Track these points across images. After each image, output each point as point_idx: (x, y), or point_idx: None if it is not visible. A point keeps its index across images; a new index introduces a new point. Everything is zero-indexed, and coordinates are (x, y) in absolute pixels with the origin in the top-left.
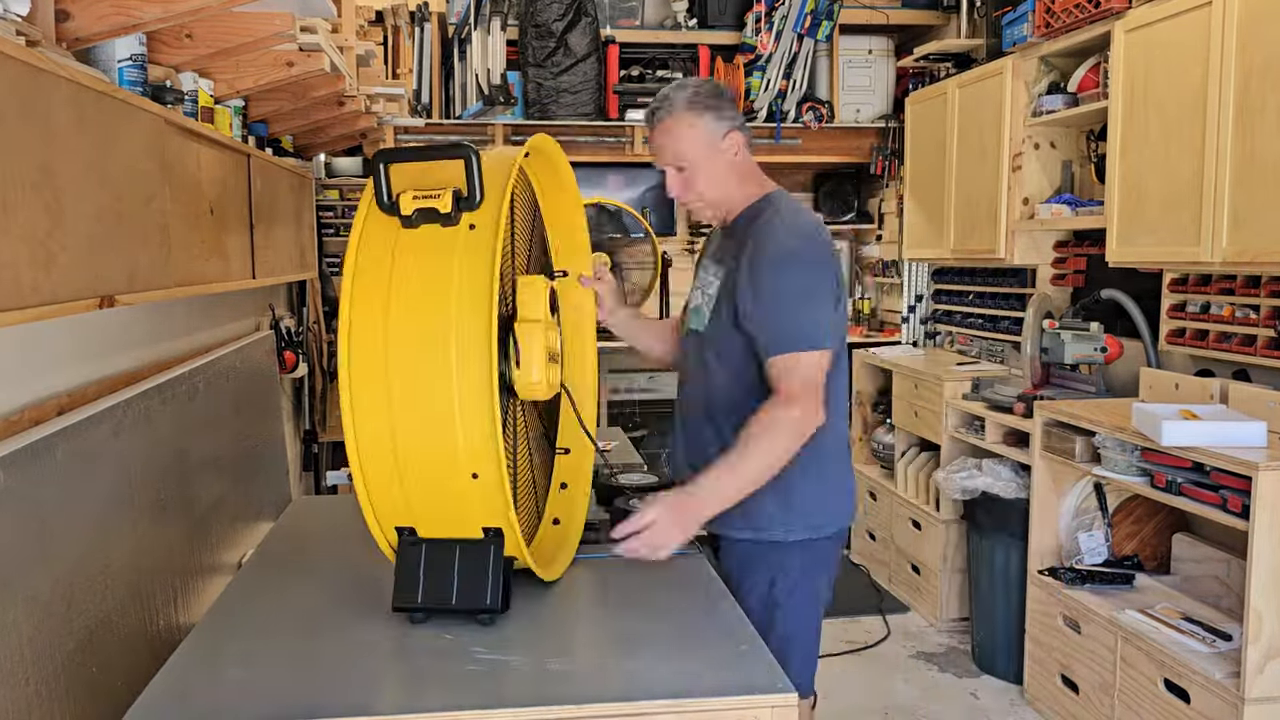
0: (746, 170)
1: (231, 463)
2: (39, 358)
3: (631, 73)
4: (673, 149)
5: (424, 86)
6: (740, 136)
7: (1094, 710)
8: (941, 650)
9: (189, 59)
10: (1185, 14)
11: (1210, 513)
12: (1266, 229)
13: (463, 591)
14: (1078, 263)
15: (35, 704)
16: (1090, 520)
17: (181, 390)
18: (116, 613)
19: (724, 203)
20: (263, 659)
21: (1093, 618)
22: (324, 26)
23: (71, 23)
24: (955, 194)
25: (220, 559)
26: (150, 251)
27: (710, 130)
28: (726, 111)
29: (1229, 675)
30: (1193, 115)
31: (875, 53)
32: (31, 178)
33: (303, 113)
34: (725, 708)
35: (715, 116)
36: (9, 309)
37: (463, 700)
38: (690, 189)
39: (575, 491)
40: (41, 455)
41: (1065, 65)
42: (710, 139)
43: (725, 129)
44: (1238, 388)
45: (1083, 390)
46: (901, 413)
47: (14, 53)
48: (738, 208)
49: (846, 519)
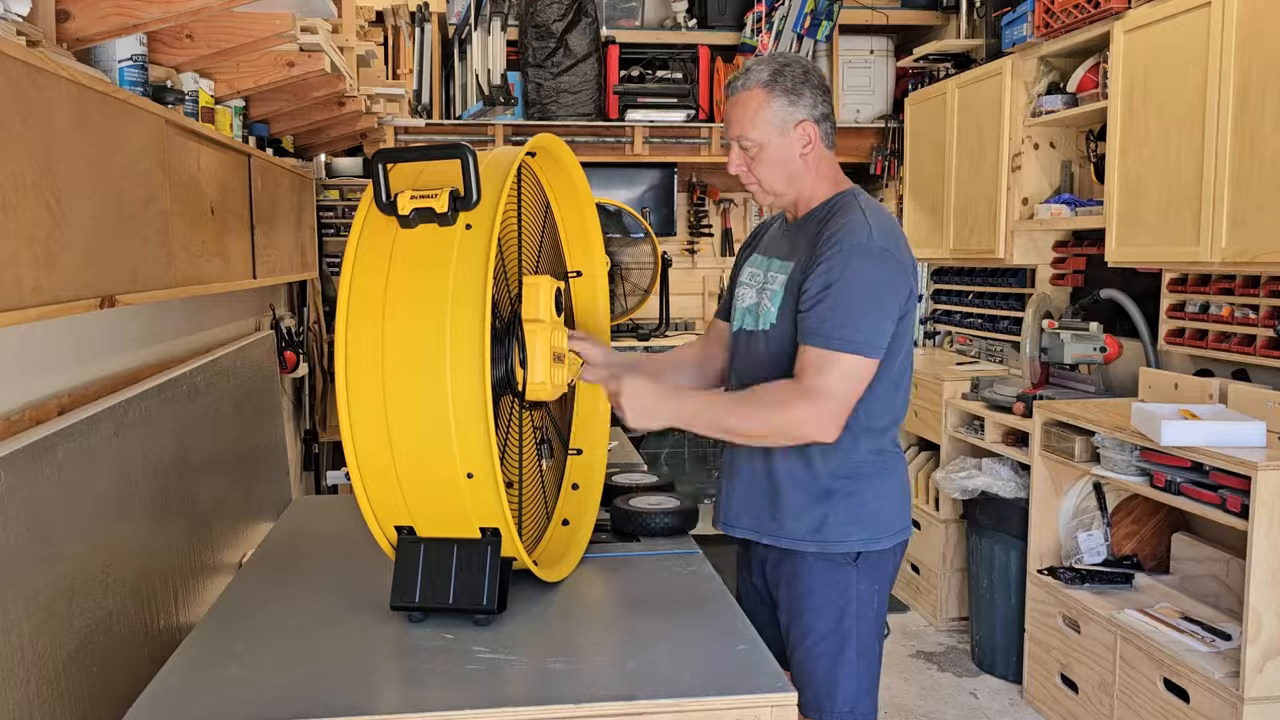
0: (820, 166)
1: (232, 463)
2: (39, 358)
3: (631, 73)
4: (738, 124)
5: (424, 87)
6: (813, 129)
7: (1093, 710)
8: (941, 650)
9: (189, 59)
10: (1185, 14)
11: (1209, 512)
12: (1266, 229)
13: (460, 591)
14: (1077, 263)
15: (35, 704)
16: (1090, 520)
17: (181, 390)
18: (116, 613)
19: (786, 194)
20: (263, 659)
21: (1092, 617)
22: (324, 27)
23: (72, 23)
24: (955, 194)
25: (220, 559)
26: (151, 251)
27: (781, 115)
28: (805, 99)
29: (1228, 675)
30: (1192, 115)
31: (875, 53)
32: (32, 178)
33: (303, 113)
34: (725, 707)
35: (790, 102)
36: (10, 309)
37: (463, 700)
38: (749, 170)
39: (587, 493)
40: (41, 455)
41: (1065, 65)
42: (780, 124)
43: (799, 118)
44: (1237, 388)
45: (1082, 390)
46: None
47: (14, 53)
48: (806, 203)
49: (909, 527)
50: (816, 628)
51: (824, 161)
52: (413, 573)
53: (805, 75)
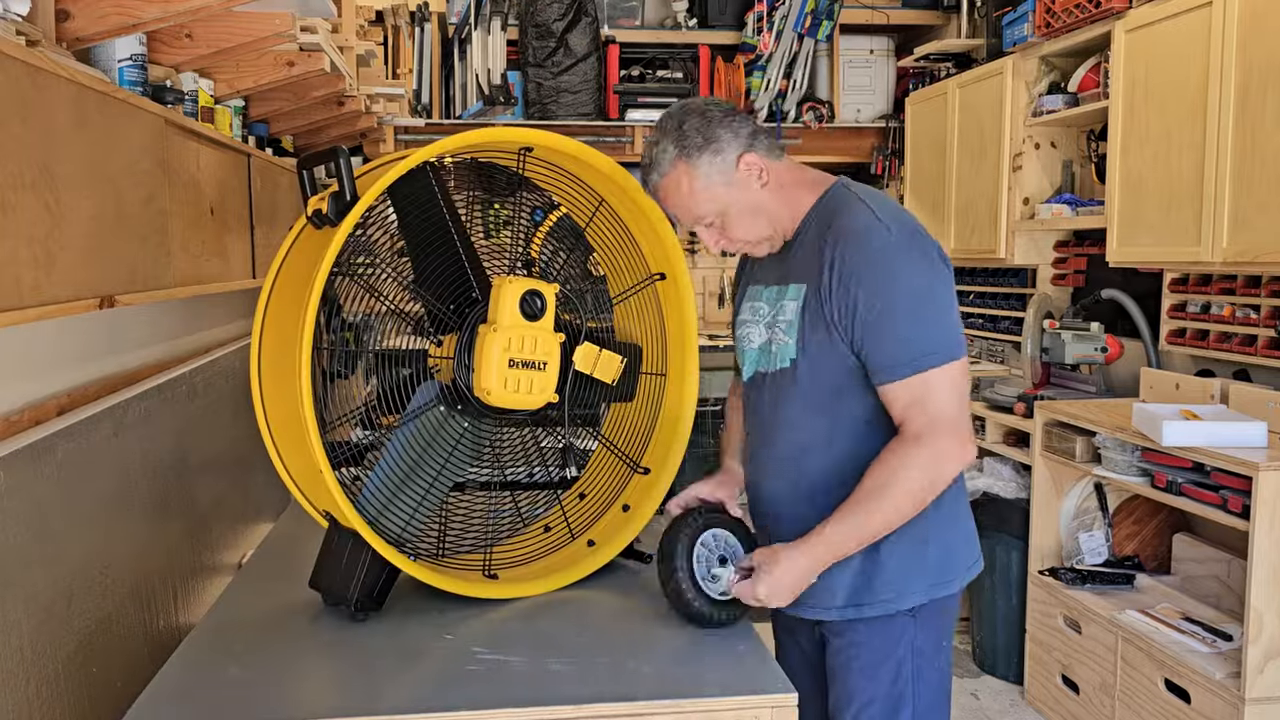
0: (788, 181)
1: (231, 463)
2: (39, 358)
3: (632, 73)
4: (686, 210)
5: (424, 86)
6: (753, 157)
7: (1094, 710)
8: None
9: (189, 59)
10: (1185, 14)
11: (1210, 513)
12: (1267, 229)
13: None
14: (1078, 263)
15: (35, 704)
16: (1090, 520)
17: (181, 390)
18: (116, 613)
19: (774, 231)
20: (263, 659)
21: (1093, 618)
22: (324, 26)
23: (72, 22)
24: (955, 194)
25: (220, 559)
26: (150, 251)
27: (717, 170)
28: (723, 138)
29: (1229, 675)
30: (1193, 115)
31: (876, 53)
32: (31, 178)
33: (303, 113)
34: (725, 708)
35: (714, 151)
36: (9, 309)
37: (463, 700)
38: (729, 238)
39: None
40: (41, 455)
41: (1065, 65)
42: (722, 181)
43: (733, 158)
44: (1238, 388)
45: (1083, 390)
46: None
47: (14, 52)
48: (790, 226)
49: (978, 565)
50: (868, 689)
51: (785, 175)
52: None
53: (703, 115)
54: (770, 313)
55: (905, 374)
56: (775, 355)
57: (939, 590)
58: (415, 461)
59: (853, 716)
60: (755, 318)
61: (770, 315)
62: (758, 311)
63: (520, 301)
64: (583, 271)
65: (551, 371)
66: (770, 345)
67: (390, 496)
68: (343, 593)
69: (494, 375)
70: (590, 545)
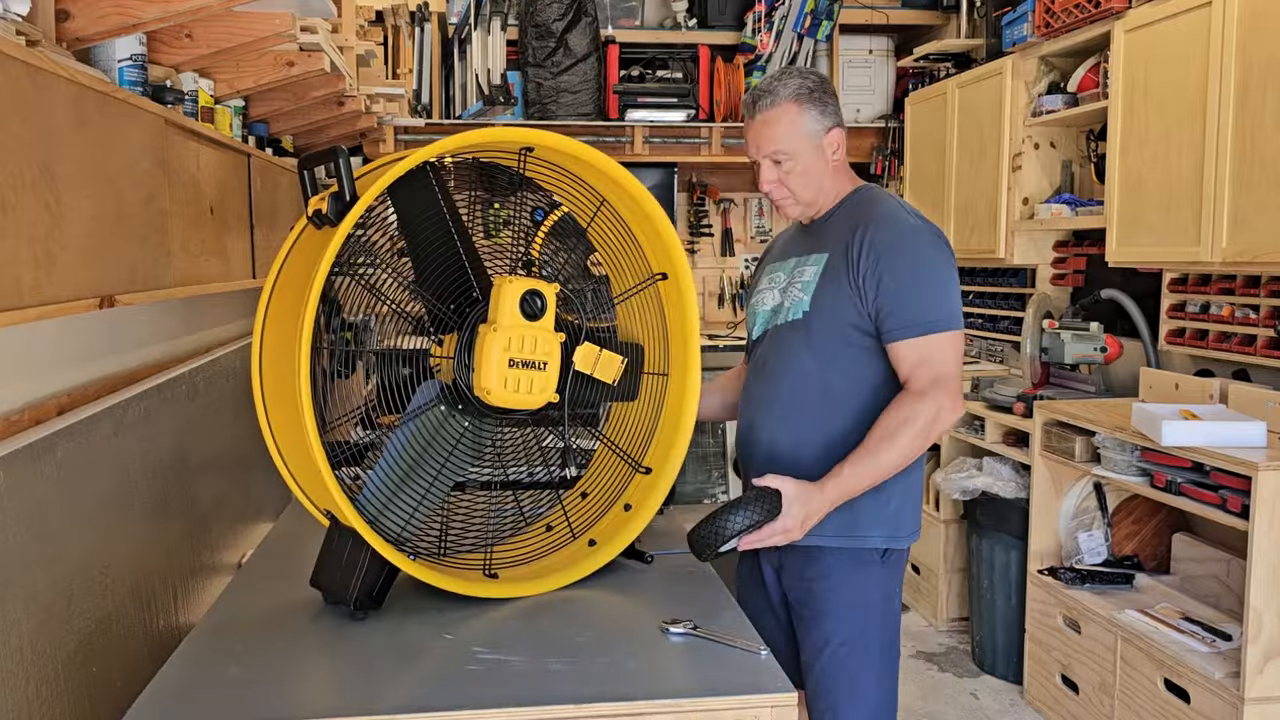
0: (842, 168)
1: (231, 463)
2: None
3: (631, 73)
4: (772, 141)
5: (424, 86)
6: (840, 135)
7: (1094, 710)
8: (941, 650)
9: (189, 59)
10: (1185, 14)
11: (1210, 513)
12: (1266, 229)
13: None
14: (1077, 262)
15: (35, 704)
16: (1090, 520)
17: (181, 390)
18: (116, 613)
19: (816, 202)
20: (262, 659)
21: (1092, 618)
22: (324, 26)
23: (71, 22)
24: (955, 194)
25: (220, 559)
26: (150, 251)
27: (814, 126)
28: (830, 107)
29: (1229, 675)
30: (1193, 115)
31: (875, 53)
32: (31, 178)
33: (303, 113)
34: (725, 707)
35: (820, 112)
36: (9, 309)
37: (463, 700)
38: (785, 184)
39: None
40: (41, 455)
41: (1065, 65)
42: (813, 135)
43: (829, 125)
44: (1237, 388)
45: (1082, 390)
46: None
47: (14, 52)
48: (827, 203)
49: (917, 534)
50: (841, 629)
51: (843, 162)
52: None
53: (825, 85)
54: (786, 279)
55: (916, 334)
56: (788, 310)
57: (895, 542)
58: (415, 461)
59: (832, 652)
60: (771, 285)
61: (786, 281)
62: (775, 281)
63: (520, 301)
64: (583, 271)
65: (552, 371)
66: (783, 303)
67: (390, 496)
68: (342, 591)
69: (494, 375)
70: (591, 545)
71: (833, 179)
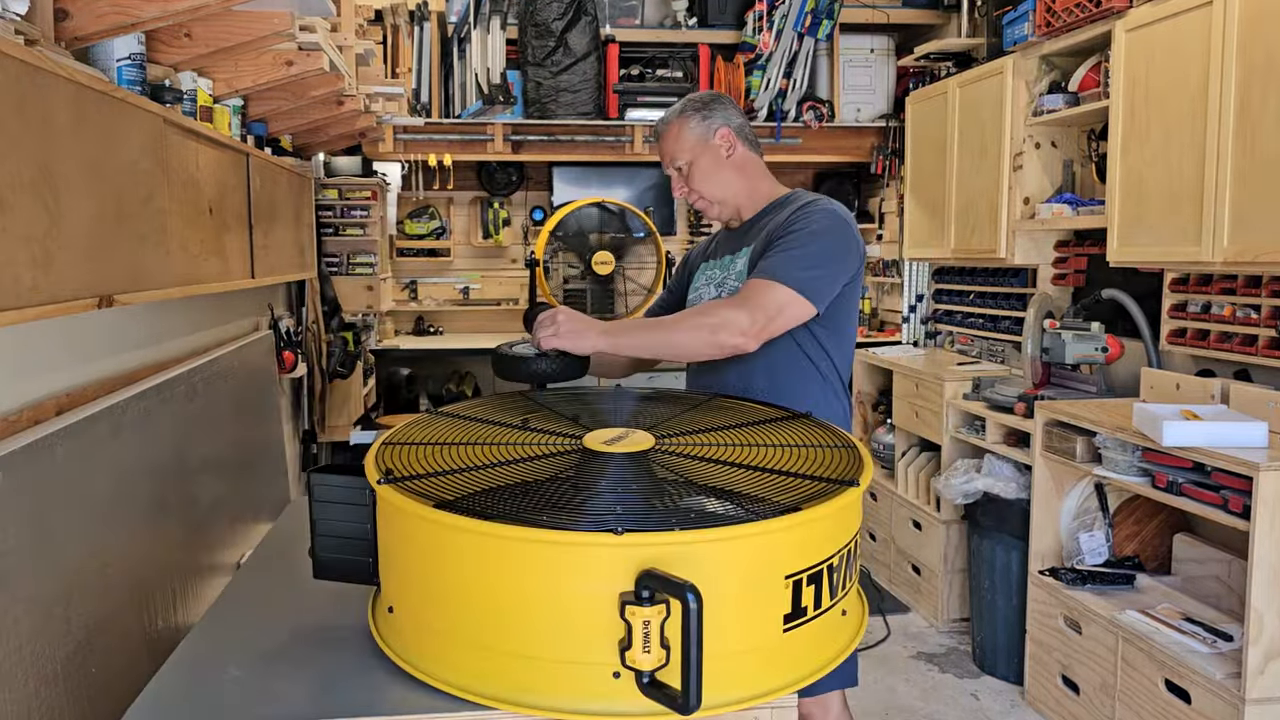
0: (751, 169)
1: (230, 463)
2: (39, 358)
3: (631, 72)
4: (669, 154)
5: (423, 86)
6: (729, 131)
7: (1094, 711)
8: (942, 651)
9: (188, 58)
10: (1186, 14)
11: (1211, 513)
12: (1267, 228)
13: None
14: (1078, 262)
15: (35, 704)
16: (1091, 520)
17: (181, 390)
18: (116, 613)
19: (730, 200)
20: (262, 659)
21: (1093, 618)
22: (323, 25)
23: (70, 22)
24: (956, 193)
25: (220, 559)
26: (149, 251)
27: (699, 130)
28: (718, 113)
29: (1230, 676)
30: (1193, 114)
31: (876, 52)
32: (30, 177)
33: (302, 112)
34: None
35: (703, 117)
36: (9, 309)
37: (463, 699)
38: (688, 185)
39: None
40: (41, 455)
41: (1066, 64)
42: (701, 137)
43: (716, 126)
44: (1239, 388)
45: (1083, 390)
46: (902, 413)
47: (13, 52)
48: (751, 204)
49: None
50: None
51: (750, 163)
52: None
53: (714, 98)
54: (722, 275)
55: (766, 275)
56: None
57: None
58: None
59: None
60: (708, 283)
61: (721, 277)
62: (711, 279)
63: None
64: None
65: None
66: (721, 296)
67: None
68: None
69: None
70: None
71: (741, 177)
